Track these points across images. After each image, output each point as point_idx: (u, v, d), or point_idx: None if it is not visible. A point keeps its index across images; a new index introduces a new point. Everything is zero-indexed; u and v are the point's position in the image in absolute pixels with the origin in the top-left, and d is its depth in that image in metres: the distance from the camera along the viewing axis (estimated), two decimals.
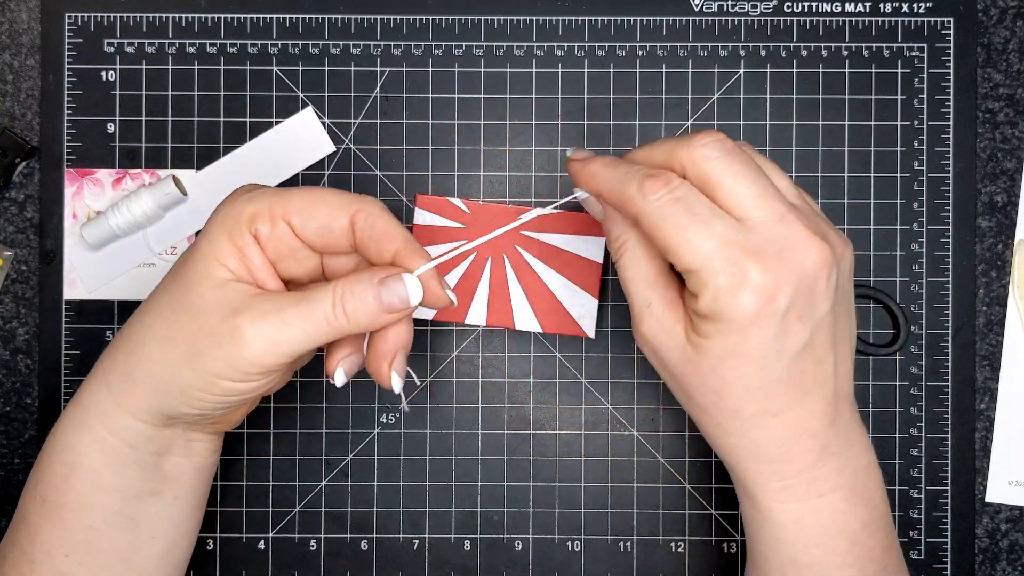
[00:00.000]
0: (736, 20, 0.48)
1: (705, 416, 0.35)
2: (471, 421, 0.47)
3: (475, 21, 0.48)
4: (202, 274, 0.33)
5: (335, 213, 0.34)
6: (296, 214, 0.34)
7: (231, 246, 0.34)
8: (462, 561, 0.47)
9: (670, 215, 0.31)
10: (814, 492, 0.35)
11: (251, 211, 0.34)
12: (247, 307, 0.32)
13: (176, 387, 0.34)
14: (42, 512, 0.36)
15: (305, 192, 0.34)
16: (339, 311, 0.33)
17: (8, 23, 0.48)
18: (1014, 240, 0.48)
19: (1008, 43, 0.48)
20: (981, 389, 0.48)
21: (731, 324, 0.31)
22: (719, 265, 0.31)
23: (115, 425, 0.36)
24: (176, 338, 0.33)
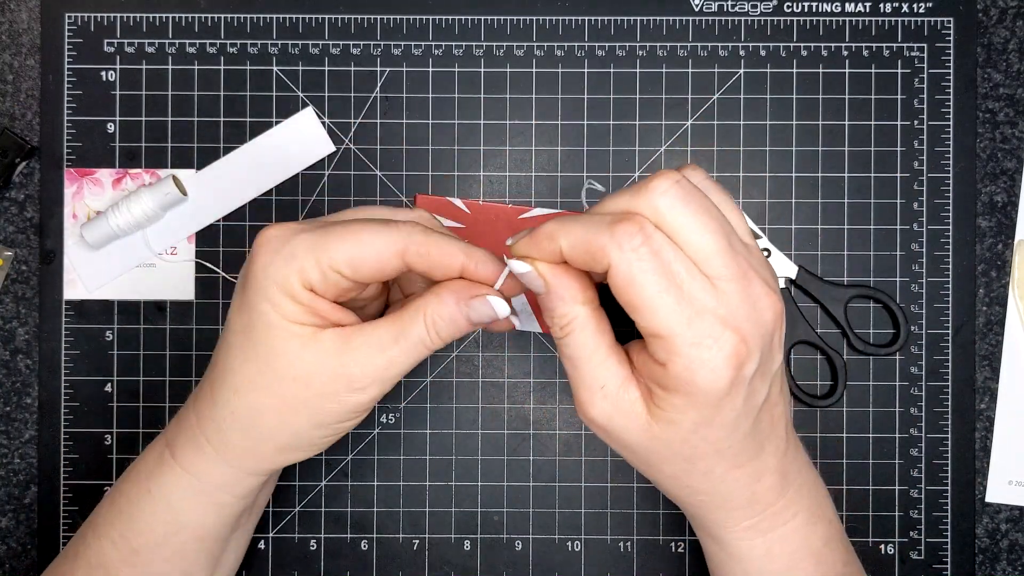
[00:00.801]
0: (736, 20, 0.48)
1: (673, 481, 0.34)
2: (471, 421, 0.47)
3: (475, 21, 0.48)
4: (283, 339, 0.33)
5: (383, 257, 0.32)
6: (346, 266, 0.32)
7: (296, 305, 0.33)
8: (462, 561, 0.47)
9: (646, 271, 0.29)
10: (780, 521, 0.35)
11: (298, 269, 0.32)
12: (351, 357, 0.33)
13: (303, 442, 0.35)
14: (131, 562, 0.36)
15: (347, 237, 0.32)
16: (433, 336, 0.33)
17: (8, 23, 0.48)
18: (1014, 240, 0.48)
19: (1008, 43, 0.48)
20: (981, 389, 0.48)
21: (704, 396, 0.30)
22: (693, 336, 0.29)
23: (236, 488, 0.37)
24: (293, 408, 0.34)
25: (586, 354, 0.32)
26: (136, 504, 0.37)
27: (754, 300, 0.30)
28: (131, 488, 0.37)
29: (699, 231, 0.29)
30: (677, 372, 0.29)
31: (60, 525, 0.47)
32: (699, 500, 0.34)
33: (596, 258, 0.29)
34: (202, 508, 0.37)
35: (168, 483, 0.36)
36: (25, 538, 0.47)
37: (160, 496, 0.36)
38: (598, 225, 0.29)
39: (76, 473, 0.47)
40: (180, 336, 0.47)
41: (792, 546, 0.35)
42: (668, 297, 0.29)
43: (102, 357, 0.47)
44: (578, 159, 0.48)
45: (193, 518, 0.37)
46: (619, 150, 0.48)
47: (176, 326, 0.47)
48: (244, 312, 0.34)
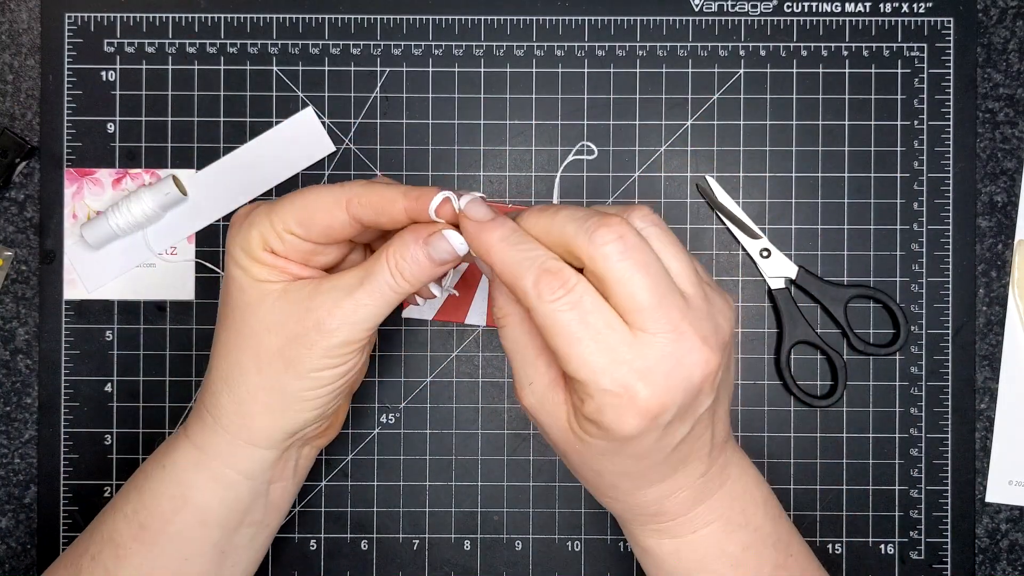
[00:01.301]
0: (736, 20, 0.48)
1: (585, 482, 0.36)
2: (471, 421, 0.47)
3: (475, 21, 0.48)
4: (255, 297, 0.35)
5: (330, 212, 0.34)
6: (296, 225, 0.34)
7: (262, 266, 0.35)
8: (462, 561, 0.47)
9: (564, 322, 0.30)
10: (689, 529, 0.36)
11: (256, 234, 0.35)
12: (318, 302, 0.34)
13: (288, 399, 0.36)
14: (139, 538, 0.37)
15: (295, 199, 0.34)
16: (399, 279, 0.34)
17: (8, 23, 0.48)
18: (1014, 240, 0.48)
19: (1008, 43, 0.48)
20: (981, 389, 0.48)
21: (613, 435, 0.31)
22: (607, 384, 0.30)
23: (237, 459, 0.37)
24: (269, 360, 0.35)
25: (517, 349, 0.34)
26: (150, 478, 0.38)
27: (680, 356, 0.30)
28: (149, 465, 0.39)
29: (631, 284, 0.30)
30: (590, 412, 0.31)
31: (60, 525, 0.47)
32: (607, 501, 0.36)
33: (517, 295, 0.31)
34: (206, 483, 0.37)
35: (178, 456, 0.38)
36: (25, 538, 0.47)
37: (170, 470, 0.38)
38: (529, 269, 0.31)
39: (76, 473, 0.47)
40: (180, 336, 0.47)
41: (702, 551, 0.36)
42: (584, 347, 0.30)
43: (102, 357, 0.47)
44: (578, 159, 0.48)
45: (197, 495, 0.37)
46: (619, 150, 0.48)
47: (176, 326, 0.47)
48: (224, 286, 0.36)
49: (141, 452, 0.47)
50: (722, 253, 0.48)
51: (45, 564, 0.47)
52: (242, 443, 0.37)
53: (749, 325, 0.48)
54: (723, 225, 0.48)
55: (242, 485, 0.38)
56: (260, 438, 0.37)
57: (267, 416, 0.36)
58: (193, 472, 0.37)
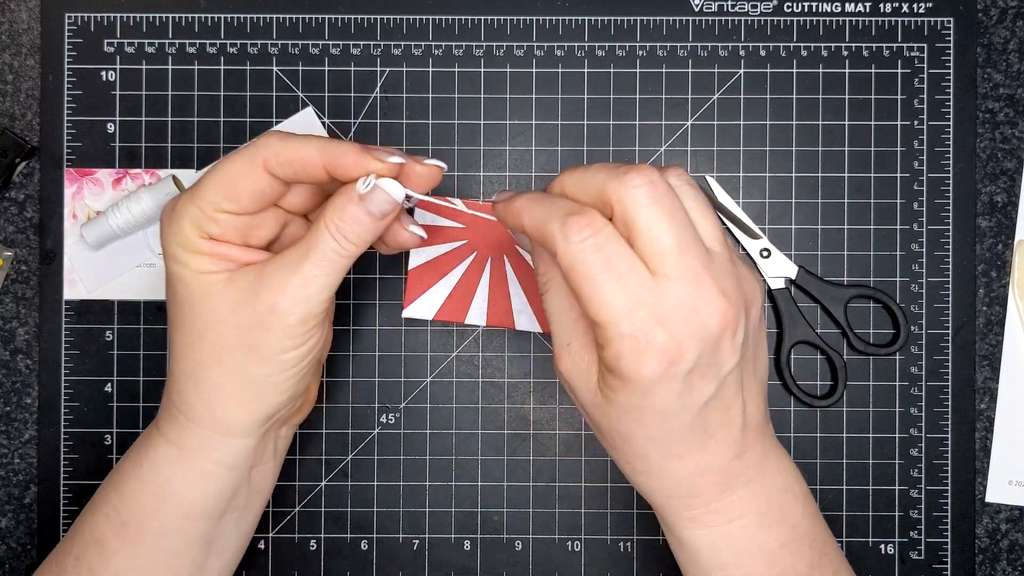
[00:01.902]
0: (736, 20, 0.48)
1: (616, 454, 0.35)
2: (471, 421, 0.47)
3: (475, 21, 0.48)
4: (201, 291, 0.35)
5: (249, 176, 0.34)
6: (225, 200, 0.34)
7: (202, 256, 0.35)
8: (462, 561, 0.47)
9: (587, 264, 0.30)
10: (724, 519, 0.35)
11: (187, 224, 0.34)
12: (266, 284, 0.34)
13: (256, 386, 0.36)
14: (122, 536, 0.37)
15: (214, 175, 0.34)
16: (343, 242, 0.34)
17: (8, 23, 0.48)
18: (1014, 240, 0.48)
19: (1008, 43, 0.48)
20: (981, 389, 0.48)
21: (633, 383, 0.31)
22: (625, 326, 0.30)
23: (216, 451, 0.37)
24: (229, 350, 0.35)
25: (560, 314, 0.34)
26: (127, 477, 0.38)
27: (698, 304, 0.30)
28: (125, 464, 0.38)
29: (657, 229, 0.30)
30: (610, 358, 0.31)
31: (60, 525, 0.47)
32: (640, 480, 0.35)
33: (547, 244, 0.32)
34: (187, 477, 0.37)
35: (155, 454, 0.37)
36: (25, 538, 0.47)
37: (149, 468, 0.37)
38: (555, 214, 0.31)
39: (76, 473, 0.47)
40: None
41: (739, 545, 0.36)
42: (605, 288, 0.30)
43: (102, 357, 0.47)
44: (578, 159, 0.48)
45: (179, 489, 0.37)
46: (619, 150, 0.48)
47: None
48: (168, 285, 0.36)
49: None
50: None
51: None
52: (218, 436, 0.37)
53: None
54: (723, 225, 0.48)
55: (223, 475, 0.37)
56: (235, 428, 0.37)
57: (237, 406, 0.36)
58: (172, 468, 0.37)
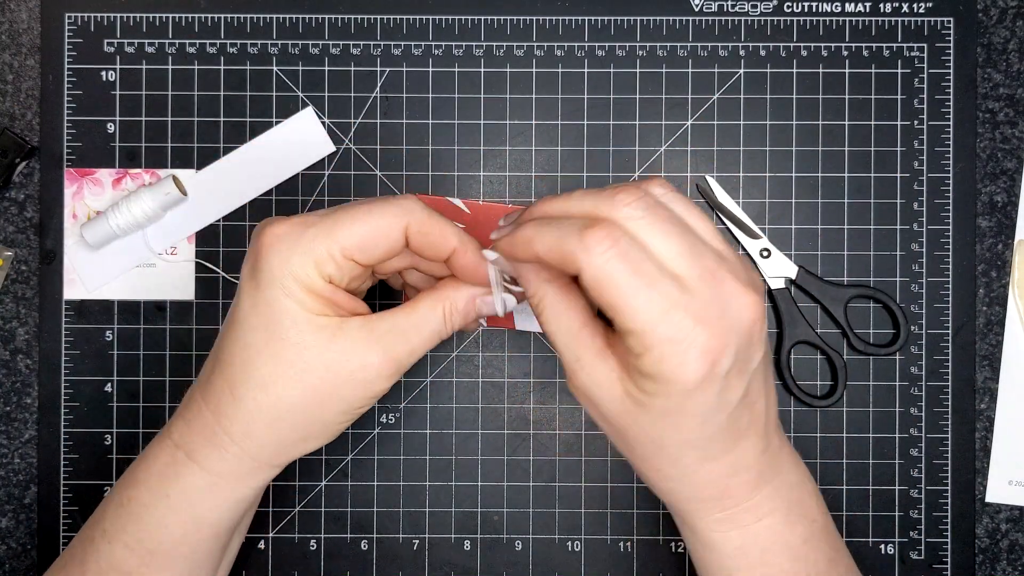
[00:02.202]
0: (736, 20, 0.48)
1: (645, 463, 0.34)
2: (471, 421, 0.47)
3: (475, 21, 0.48)
4: (311, 333, 0.34)
5: (390, 235, 0.35)
6: (359, 252, 0.34)
7: (318, 298, 0.34)
8: (462, 561, 0.47)
9: (616, 273, 0.29)
10: (753, 517, 0.35)
11: (313, 262, 0.34)
12: (378, 345, 0.35)
13: (322, 428, 0.36)
14: (149, 564, 0.37)
15: (357, 221, 0.34)
16: (448, 326, 0.37)
17: (8, 23, 0.48)
18: (1014, 240, 0.48)
19: (1008, 43, 0.48)
20: (981, 389, 0.48)
21: (676, 387, 0.30)
22: (664, 330, 0.29)
23: (255, 481, 0.37)
24: (321, 398, 0.35)
25: (560, 328, 0.33)
26: (152, 509, 0.36)
27: (726, 299, 0.30)
28: (145, 494, 0.37)
29: (661, 238, 0.30)
30: (651, 365, 0.30)
31: (60, 525, 0.47)
32: (669, 487, 0.35)
33: (567, 263, 0.31)
34: (222, 505, 0.37)
35: (188, 486, 0.36)
36: (25, 538, 0.47)
37: (179, 499, 0.36)
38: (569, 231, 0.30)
39: (76, 473, 0.47)
40: (180, 336, 0.47)
41: (766, 543, 0.35)
42: (639, 295, 0.29)
43: (102, 357, 0.47)
44: (578, 159, 0.48)
45: (213, 516, 0.37)
46: (619, 150, 0.48)
47: (176, 326, 0.47)
48: (262, 310, 0.34)
49: (141, 452, 0.47)
50: None
51: (45, 564, 0.47)
52: (265, 465, 0.37)
53: None
54: (723, 225, 0.48)
55: (253, 497, 0.38)
56: (285, 461, 0.38)
57: (302, 446, 0.37)
58: (205, 497, 0.37)
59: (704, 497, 0.35)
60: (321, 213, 0.35)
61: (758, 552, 0.35)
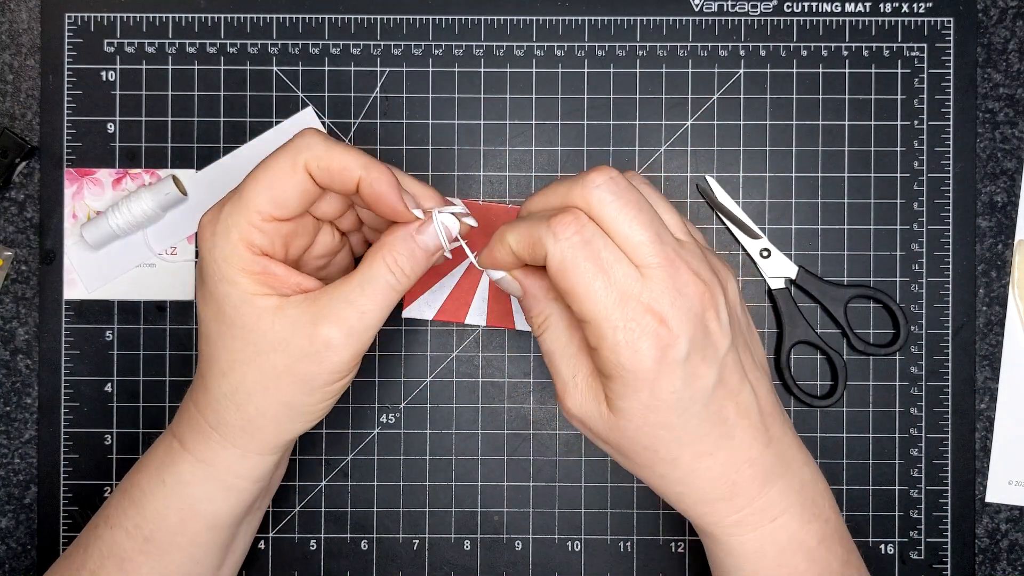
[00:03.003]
0: (736, 20, 0.48)
1: (647, 471, 0.35)
2: (471, 421, 0.47)
3: (475, 21, 0.48)
4: (253, 316, 0.34)
5: (293, 180, 0.33)
6: (272, 207, 0.33)
7: (253, 276, 0.34)
8: (462, 561, 0.47)
9: (576, 259, 0.31)
10: (766, 518, 0.35)
11: (236, 237, 0.34)
12: (322, 317, 0.34)
13: (297, 411, 0.36)
14: (146, 551, 0.37)
15: (260, 179, 0.33)
16: (399, 274, 0.34)
17: (8, 23, 0.48)
18: (1014, 240, 0.48)
19: (1008, 43, 0.48)
20: (981, 389, 0.48)
21: (636, 378, 0.31)
22: (617, 319, 0.31)
23: (246, 468, 0.37)
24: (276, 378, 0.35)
25: (560, 348, 0.34)
26: (150, 494, 0.37)
27: (679, 287, 0.31)
28: (144, 479, 0.38)
29: (628, 222, 0.31)
30: (605, 355, 0.31)
31: (60, 525, 0.47)
32: (678, 492, 0.35)
33: (536, 250, 0.32)
34: (215, 494, 0.37)
35: (182, 472, 0.37)
36: (25, 538, 0.47)
37: (174, 485, 0.37)
38: (539, 220, 0.32)
39: (76, 473, 0.47)
40: (180, 336, 0.47)
41: (783, 543, 0.35)
42: (596, 283, 0.31)
43: (102, 357, 0.47)
44: (578, 159, 0.48)
45: (207, 505, 0.37)
46: (619, 150, 0.48)
47: (176, 326, 0.47)
48: (210, 301, 0.35)
49: (141, 452, 0.47)
50: (722, 253, 0.48)
51: (45, 564, 0.47)
52: (252, 455, 0.37)
53: None
54: (723, 225, 0.48)
55: (250, 488, 0.38)
56: (270, 448, 0.37)
57: (277, 428, 0.36)
58: (200, 485, 0.37)
59: (713, 498, 0.35)
60: (234, 188, 0.35)
61: (775, 553, 0.35)
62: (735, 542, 0.36)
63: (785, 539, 0.35)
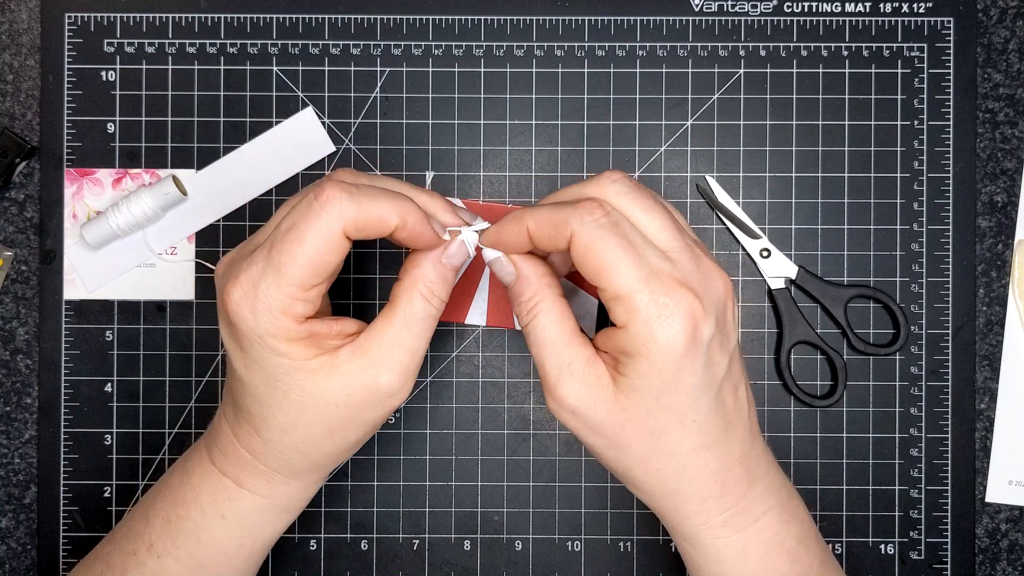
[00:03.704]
0: (736, 20, 0.48)
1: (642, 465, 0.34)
2: (471, 421, 0.47)
3: (475, 21, 0.48)
4: (307, 378, 0.34)
5: (334, 250, 0.33)
6: (312, 278, 0.33)
7: (300, 343, 0.33)
8: (462, 561, 0.47)
9: (606, 238, 0.31)
10: (751, 517, 0.35)
11: (280, 313, 0.33)
12: (377, 365, 0.34)
13: (356, 446, 0.37)
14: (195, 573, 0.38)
15: (294, 257, 0.32)
16: (437, 303, 0.35)
17: (8, 23, 0.48)
18: (1014, 240, 0.48)
19: (1008, 43, 0.48)
20: (981, 389, 0.48)
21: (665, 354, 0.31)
22: (650, 293, 0.31)
23: (305, 495, 0.39)
24: (341, 427, 0.35)
25: (553, 336, 0.34)
26: (205, 527, 0.38)
27: (705, 272, 0.32)
28: (196, 514, 0.38)
29: (647, 213, 0.33)
30: (637, 330, 0.31)
31: (60, 525, 0.47)
32: (671, 488, 0.35)
33: (560, 231, 0.32)
34: (274, 519, 0.39)
35: (243, 508, 0.38)
36: (25, 538, 0.47)
37: (235, 519, 0.38)
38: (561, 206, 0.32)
39: (76, 473, 0.47)
40: (180, 336, 0.47)
41: (766, 544, 0.36)
42: (627, 258, 0.31)
43: (102, 357, 0.47)
44: (578, 159, 0.48)
45: (265, 529, 0.39)
46: (619, 150, 0.48)
47: (176, 326, 0.47)
48: (256, 369, 0.34)
49: (141, 452, 0.47)
50: (722, 253, 0.48)
51: (45, 564, 0.47)
52: (303, 488, 0.38)
53: (749, 325, 0.48)
54: (723, 225, 0.48)
55: (303, 507, 0.40)
56: (327, 476, 0.39)
57: (338, 461, 0.38)
58: (261, 515, 0.38)
59: (704, 496, 0.35)
60: (263, 254, 0.33)
61: (759, 555, 0.35)
62: (720, 544, 0.35)
63: (768, 539, 0.36)
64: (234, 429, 0.37)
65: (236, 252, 0.36)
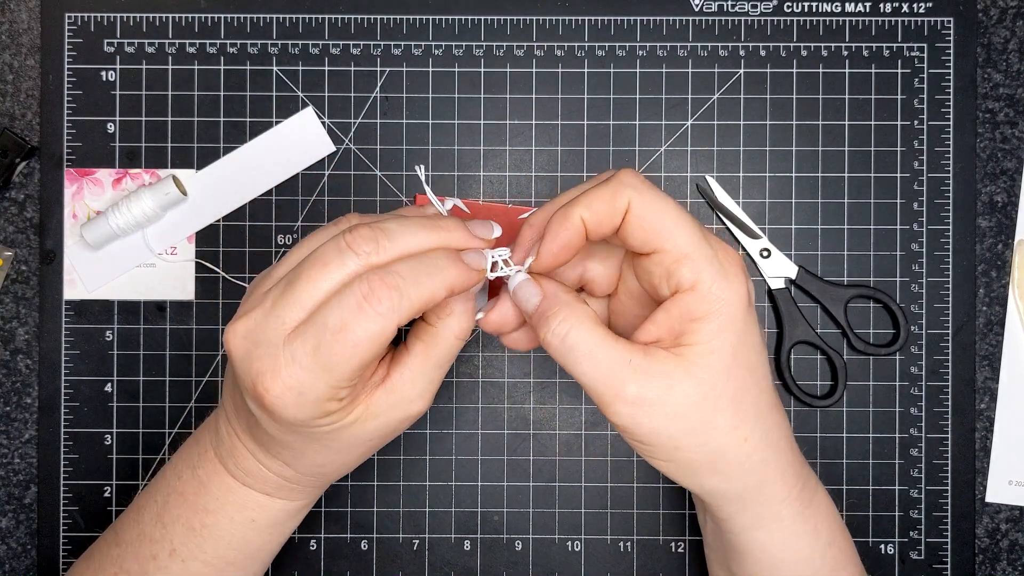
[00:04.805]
0: (736, 20, 0.48)
1: (732, 435, 0.32)
2: (471, 421, 0.47)
3: (475, 21, 0.48)
4: (346, 431, 0.34)
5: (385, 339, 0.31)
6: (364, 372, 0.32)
7: (342, 412, 0.33)
8: (462, 561, 0.47)
9: (662, 197, 0.32)
10: (811, 489, 0.36)
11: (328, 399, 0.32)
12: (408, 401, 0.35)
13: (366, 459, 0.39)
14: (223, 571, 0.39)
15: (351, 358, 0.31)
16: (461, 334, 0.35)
17: (8, 23, 0.48)
18: (1014, 240, 0.48)
19: (1008, 43, 0.48)
20: (981, 389, 0.48)
21: (735, 308, 0.31)
22: (712, 249, 0.32)
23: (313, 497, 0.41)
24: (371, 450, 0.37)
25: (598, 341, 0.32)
26: (239, 532, 0.39)
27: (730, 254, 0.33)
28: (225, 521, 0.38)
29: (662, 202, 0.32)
30: (708, 287, 0.31)
31: (60, 525, 0.47)
32: (759, 460, 0.33)
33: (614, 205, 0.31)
34: (295, 520, 0.41)
35: (275, 513, 0.39)
36: (25, 538, 0.47)
37: (266, 522, 0.39)
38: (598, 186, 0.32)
39: (76, 473, 0.47)
40: (180, 336, 0.47)
41: (829, 518, 0.37)
42: (686, 216, 0.32)
43: (102, 357, 0.47)
44: (578, 159, 0.48)
45: (290, 524, 0.41)
46: (619, 150, 0.48)
47: (176, 326, 0.47)
48: (290, 432, 0.34)
49: (141, 452, 0.47)
50: None
51: (45, 565, 0.47)
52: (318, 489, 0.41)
53: None
54: (723, 225, 0.48)
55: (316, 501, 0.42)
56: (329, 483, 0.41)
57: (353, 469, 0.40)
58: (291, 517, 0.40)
59: (787, 461, 0.34)
60: (306, 349, 0.31)
61: (827, 529, 0.36)
62: (800, 521, 0.35)
63: (828, 512, 0.37)
64: (259, 458, 0.37)
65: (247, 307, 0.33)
